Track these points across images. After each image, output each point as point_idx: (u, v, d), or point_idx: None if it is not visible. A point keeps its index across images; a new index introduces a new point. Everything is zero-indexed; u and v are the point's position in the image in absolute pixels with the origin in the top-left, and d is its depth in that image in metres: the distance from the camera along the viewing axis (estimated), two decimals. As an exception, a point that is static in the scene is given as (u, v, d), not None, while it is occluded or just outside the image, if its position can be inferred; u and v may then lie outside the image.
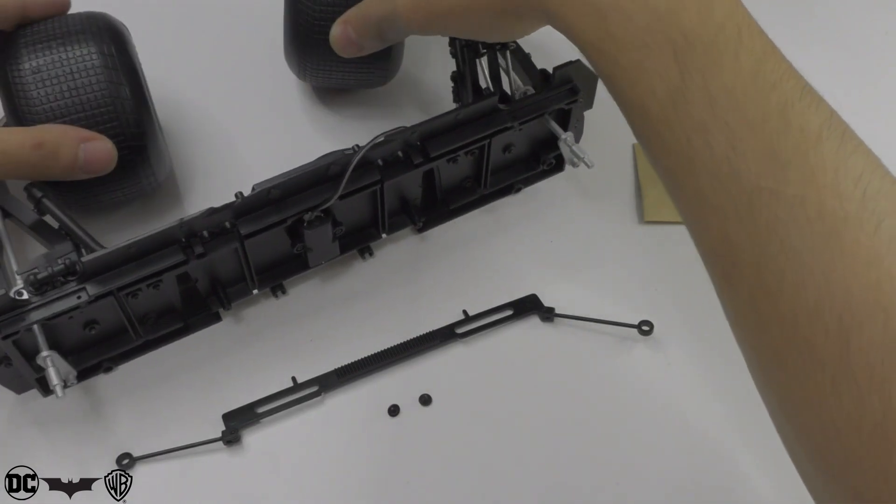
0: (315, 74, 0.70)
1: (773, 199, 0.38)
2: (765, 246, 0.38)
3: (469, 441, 0.61)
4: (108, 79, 0.59)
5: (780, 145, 0.38)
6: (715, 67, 0.39)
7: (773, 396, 0.42)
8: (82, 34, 0.59)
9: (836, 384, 0.36)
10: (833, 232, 0.37)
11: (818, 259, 0.37)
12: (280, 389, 0.62)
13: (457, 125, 0.64)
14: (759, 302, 0.39)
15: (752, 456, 0.60)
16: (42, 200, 0.60)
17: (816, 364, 0.37)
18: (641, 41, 0.40)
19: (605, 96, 0.70)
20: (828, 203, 0.37)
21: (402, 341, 0.64)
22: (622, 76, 0.42)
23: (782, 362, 0.39)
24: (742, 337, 0.43)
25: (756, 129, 0.38)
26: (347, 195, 0.61)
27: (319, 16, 0.64)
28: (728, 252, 0.40)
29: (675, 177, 0.42)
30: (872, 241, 0.36)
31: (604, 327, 0.65)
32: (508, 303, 0.66)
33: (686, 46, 0.40)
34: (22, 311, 0.54)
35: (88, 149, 0.57)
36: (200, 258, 0.58)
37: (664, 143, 0.41)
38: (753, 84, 0.39)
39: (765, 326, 0.39)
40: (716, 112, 0.39)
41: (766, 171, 0.38)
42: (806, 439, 0.39)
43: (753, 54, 0.40)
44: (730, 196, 0.39)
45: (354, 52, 0.60)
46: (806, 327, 0.37)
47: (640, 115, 0.42)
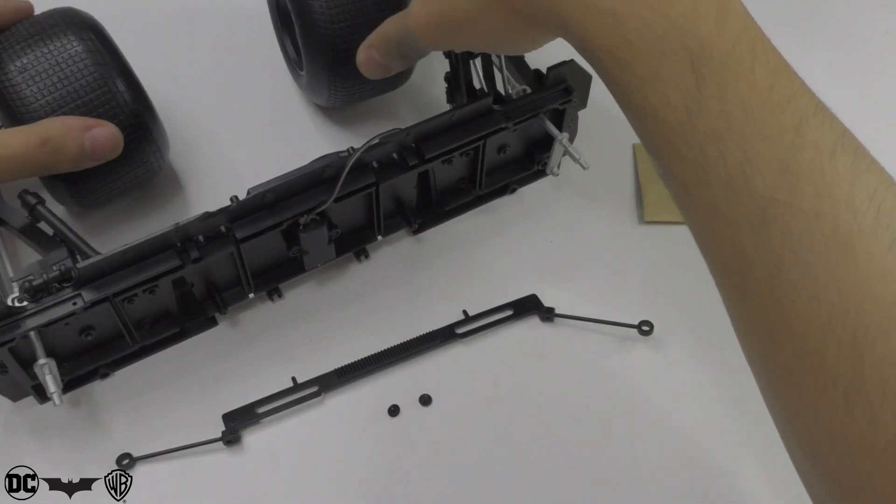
0: (345, 97, 0.70)
1: (788, 212, 0.37)
2: (778, 259, 0.38)
3: (469, 441, 0.61)
4: (95, 61, 0.59)
5: (795, 159, 0.38)
6: (731, 78, 0.39)
7: (782, 413, 0.41)
8: (57, 27, 0.60)
9: (849, 400, 0.36)
10: (847, 247, 0.36)
11: (831, 273, 0.36)
12: (279, 390, 0.62)
13: (451, 126, 0.64)
14: (770, 315, 0.39)
15: (752, 457, 0.60)
16: (36, 207, 0.60)
17: (828, 379, 0.36)
18: (658, 48, 0.40)
19: (600, 96, 0.71)
20: (842, 218, 0.36)
21: (402, 341, 0.64)
22: (636, 83, 0.41)
23: (793, 378, 0.38)
24: (752, 351, 0.42)
25: (771, 141, 0.38)
26: (343, 198, 0.61)
27: (342, 42, 0.64)
28: (740, 264, 0.40)
29: (687, 187, 0.41)
30: (887, 257, 0.36)
31: (604, 327, 0.65)
32: (508, 303, 0.66)
33: (703, 56, 0.39)
34: (17, 318, 0.54)
35: (93, 135, 0.57)
36: (196, 263, 0.58)
37: (677, 152, 0.41)
38: (769, 97, 0.39)
39: (776, 341, 0.39)
40: (731, 123, 0.39)
41: (781, 184, 0.38)
42: (816, 457, 0.39)
43: (768, 68, 0.40)
44: (743, 208, 0.39)
45: (382, 74, 0.60)
46: (818, 342, 0.36)
47: (652, 123, 0.42)
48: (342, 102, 0.72)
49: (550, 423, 0.61)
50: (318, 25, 0.64)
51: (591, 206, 0.72)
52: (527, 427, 0.61)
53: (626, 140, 0.76)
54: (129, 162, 0.62)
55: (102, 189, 0.63)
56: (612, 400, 0.62)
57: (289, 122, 0.77)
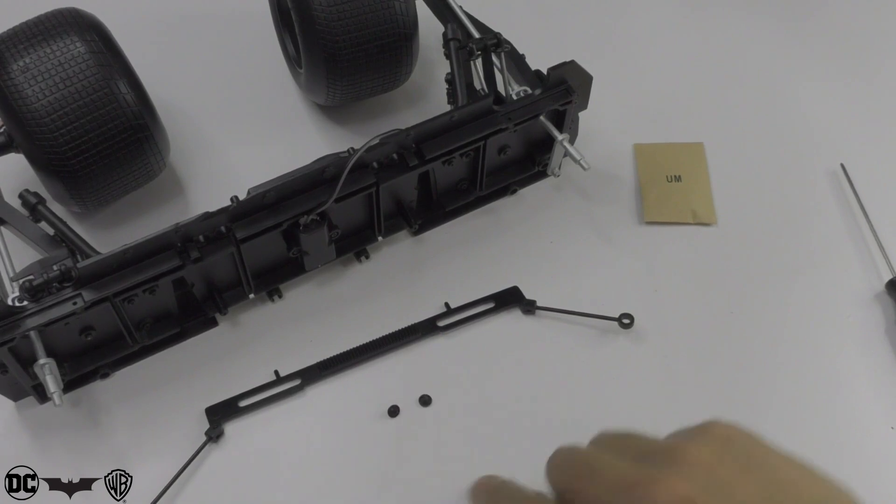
0: (343, 95, 0.71)
1: None
2: None
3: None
4: (98, 62, 0.59)
5: None
6: None
7: None
8: (60, 27, 0.60)
9: None
10: None
11: None
12: (264, 383, 0.62)
13: (452, 127, 0.64)
14: None
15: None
16: (37, 206, 0.60)
17: None
18: None
19: (601, 97, 0.71)
20: None
21: (385, 334, 0.64)
22: None
23: None
24: None
25: None
26: (343, 198, 0.61)
27: (340, 39, 0.65)
28: None
29: None
30: None
31: (586, 320, 0.65)
32: (489, 295, 0.66)
33: None
34: (18, 317, 0.54)
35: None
36: (196, 263, 0.58)
37: None
38: None
39: None
40: None
41: None
42: None
43: None
44: None
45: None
46: None
47: None
48: (341, 100, 0.72)
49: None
50: (317, 22, 0.64)
51: (592, 207, 0.72)
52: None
53: (626, 141, 0.76)
54: (129, 163, 0.62)
55: (103, 189, 0.63)
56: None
57: (289, 122, 0.77)
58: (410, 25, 0.67)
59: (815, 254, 0.69)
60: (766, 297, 0.67)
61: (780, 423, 0.61)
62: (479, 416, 0.61)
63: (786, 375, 0.63)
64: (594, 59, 0.68)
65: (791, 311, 0.66)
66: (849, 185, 0.72)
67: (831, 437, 0.60)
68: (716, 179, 0.74)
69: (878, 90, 0.80)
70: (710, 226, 0.71)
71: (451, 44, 0.69)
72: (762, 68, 0.82)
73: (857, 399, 0.62)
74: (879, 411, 0.61)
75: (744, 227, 0.71)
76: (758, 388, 0.62)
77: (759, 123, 0.78)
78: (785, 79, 0.81)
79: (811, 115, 0.78)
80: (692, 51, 0.84)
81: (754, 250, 0.69)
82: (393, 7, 0.65)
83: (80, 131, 0.59)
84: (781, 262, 0.69)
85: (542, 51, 0.71)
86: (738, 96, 0.80)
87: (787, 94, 0.80)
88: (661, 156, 0.75)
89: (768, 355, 0.64)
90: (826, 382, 0.63)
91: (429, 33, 0.74)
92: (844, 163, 0.73)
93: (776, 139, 0.77)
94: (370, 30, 0.65)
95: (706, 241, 0.70)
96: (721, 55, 0.84)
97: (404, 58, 0.69)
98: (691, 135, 0.77)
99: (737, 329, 0.65)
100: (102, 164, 0.60)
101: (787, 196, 0.73)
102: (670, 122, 0.78)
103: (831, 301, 0.67)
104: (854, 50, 0.84)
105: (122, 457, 0.59)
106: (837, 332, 0.65)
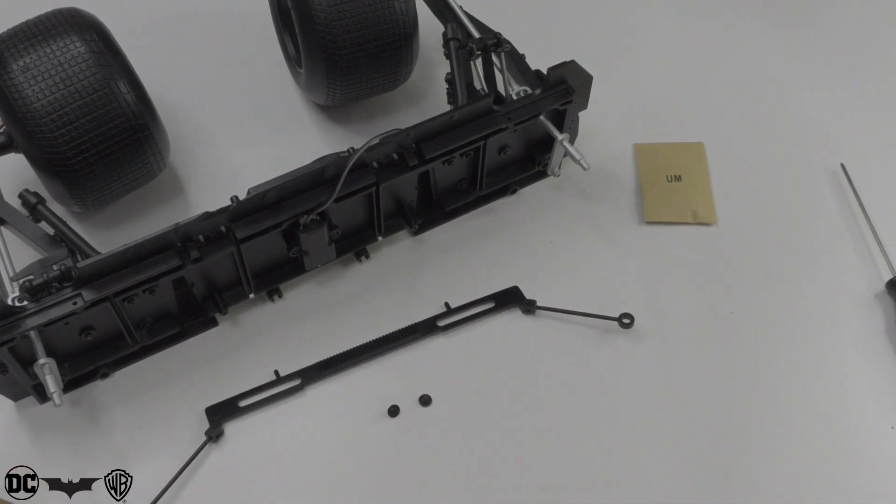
0: (343, 95, 0.71)
1: None
2: None
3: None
4: (98, 62, 0.59)
5: None
6: None
7: None
8: (60, 27, 0.60)
9: None
10: None
11: None
12: (264, 383, 0.62)
13: (452, 127, 0.64)
14: None
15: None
16: (37, 206, 0.60)
17: None
18: None
19: (601, 97, 0.71)
20: None
21: (385, 334, 0.64)
22: None
23: None
24: None
25: None
26: (343, 198, 0.61)
27: (340, 38, 0.65)
28: None
29: None
30: None
31: (586, 320, 0.65)
32: (489, 295, 0.66)
33: None
34: (18, 317, 0.54)
35: None
36: (196, 262, 0.58)
37: None
38: None
39: None
40: None
41: None
42: None
43: None
44: None
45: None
46: None
47: None
48: (341, 100, 0.72)
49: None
50: (317, 22, 0.65)
51: (592, 207, 0.72)
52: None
53: (626, 140, 0.76)
54: (129, 162, 0.62)
55: (103, 189, 0.63)
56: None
57: (289, 122, 0.77)
58: (410, 25, 0.67)
59: (815, 254, 0.69)
60: (766, 296, 0.67)
61: (781, 423, 0.61)
62: (479, 415, 0.61)
63: (786, 375, 0.63)
64: (594, 59, 0.69)
65: (791, 311, 0.66)
66: (849, 184, 0.72)
67: (831, 437, 0.60)
68: (716, 179, 0.74)
69: (877, 90, 0.80)
70: (710, 226, 0.71)
71: (451, 44, 0.69)
72: (762, 69, 0.82)
73: (857, 399, 0.62)
74: (879, 411, 0.61)
75: (744, 227, 0.71)
76: (758, 388, 0.62)
77: (759, 123, 0.78)
78: (785, 79, 0.81)
79: (811, 116, 0.78)
80: (692, 51, 0.84)
81: (754, 250, 0.69)
82: (393, 7, 0.65)
83: (80, 131, 0.59)
84: (781, 261, 0.69)
85: (542, 51, 0.71)
86: (738, 96, 0.80)
87: (787, 95, 0.80)
88: (661, 156, 0.75)
89: (768, 355, 0.64)
90: (826, 382, 0.63)
91: (429, 33, 0.74)
92: (844, 163, 0.73)
93: (776, 139, 0.77)
94: (370, 30, 0.65)
95: (706, 241, 0.70)
96: (721, 56, 0.84)
97: (404, 58, 0.69)
98: (691, 135, 0.77)
99: (736, 329, 0.65)
100: (102, 164, 0.60)
101: (787, 196, 0.73)
102: (670, 122, 0.78)
103: (831, 301, 0.67)
104: (854, 51, 0.84)
105: (122, 457, 0.59)
106: (837, 331, 0.65)
